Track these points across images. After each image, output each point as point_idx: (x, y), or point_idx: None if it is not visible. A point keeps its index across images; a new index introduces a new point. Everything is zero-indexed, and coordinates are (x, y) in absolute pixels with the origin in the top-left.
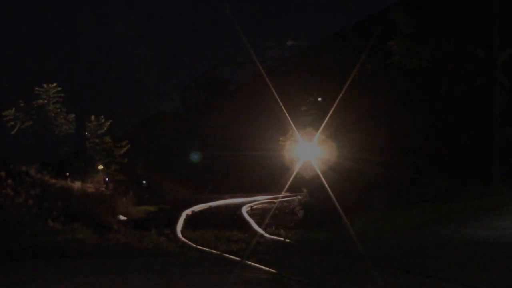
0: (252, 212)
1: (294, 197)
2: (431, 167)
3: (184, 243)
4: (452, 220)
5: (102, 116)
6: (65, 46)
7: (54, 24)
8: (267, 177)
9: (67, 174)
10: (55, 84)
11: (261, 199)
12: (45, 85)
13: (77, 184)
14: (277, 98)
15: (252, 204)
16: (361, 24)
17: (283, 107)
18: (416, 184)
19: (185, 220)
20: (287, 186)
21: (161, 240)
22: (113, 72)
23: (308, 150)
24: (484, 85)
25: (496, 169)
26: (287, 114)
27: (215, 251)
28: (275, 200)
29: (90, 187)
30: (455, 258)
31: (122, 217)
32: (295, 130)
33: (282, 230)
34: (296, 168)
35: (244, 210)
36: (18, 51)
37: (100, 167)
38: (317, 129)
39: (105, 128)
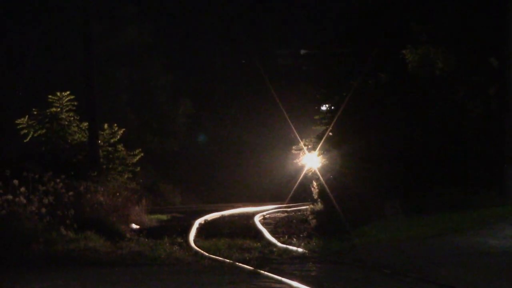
0: (264, 221)
1: (300, 207)
2: (443, 175)
3: (196, 251)
4: (464, 229)
5: (115, 124)
6: (78, 53)
7: (67, 32)
8: (271, 187)
9: (80, 181)
10: (68, 92)
11: (265, 209)
12: (58, 93)
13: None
14: (282, 108)
15: (260, 213)
16: (361, 25)
17: (287, 117)
18: (427, 193)
19: (197, 229)
20: (290, 196)
21: (174, 248)
22: (127, 79)
23: (313, 160)
24: (498, 93)
25: (508, 177)
26: (291, 124)
27: (227, 260)
28: (285, 210)
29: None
30: (469, 266)
31: (135, 226)
32: (299, 139)
33: (294, 239)
34: (300, 177)
35: (253, 219)
36: (31, 59)
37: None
38: (325, 138)
39: (118, 137)
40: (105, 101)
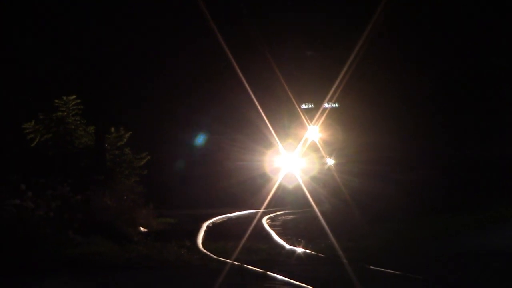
0: (272, 223)
1: (281, 211)
2: (451, 179)
3: (205, 254)
4: (472, 230)
5: (122, 128)
6: (84, 57)
7: (75, 34)
8: (243, 191)
9: (88, 185)
10: (74, 96)
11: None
12: (64, 97)
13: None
14: (261, 111)
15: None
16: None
17: (265, 119)
18: (437, 194)
19: (205, 231)
20: (267, 201)
21: (182, 251)
22: (133, 81)
23: (294, 162)
24: (507, 95)
25: None
26: (269, 125)
27: (236, 263)
28: (292, 211)
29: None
30: (475, 266)
31: (142, 229)
32: (278, 141)
33: (303, 241)
34: (278, 180)
35: (261, 221)
36: (38, 63)
37: None
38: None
39: (125, 140)
40: (112, 104)
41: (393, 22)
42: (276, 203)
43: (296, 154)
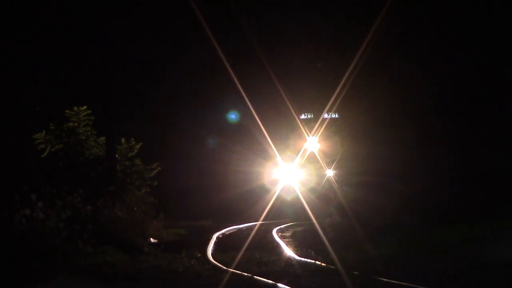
0: (282, 235)
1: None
2: (454, 189)
3: (214, 265)
4: (483, 240)
5: (133, 139)
6: (94, 68)
7: (85, 45)
8: (245, 202)
9: (98, 196)
10: (85, 107)
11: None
12: (75, 108)
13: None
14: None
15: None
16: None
17: (265, 131)
18: (440, 205)
19: (215, 242)
20: (265, 213)
21: (192, 262)
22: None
23: (293, 174)
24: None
25: None
26: (268, 138)
27: (246, 274)
28: (302, 223)
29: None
30: (486, 279)
31: (153, 240)
32: (276, 152)
33: (312, 252)
34: (277, 192)
35: (271, 233)
36: (48, 74)
37: None
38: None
39: (135, 151)
40: (122, 115)
41: (393, 30)
42: (275, 215)
43: (294, 165)
